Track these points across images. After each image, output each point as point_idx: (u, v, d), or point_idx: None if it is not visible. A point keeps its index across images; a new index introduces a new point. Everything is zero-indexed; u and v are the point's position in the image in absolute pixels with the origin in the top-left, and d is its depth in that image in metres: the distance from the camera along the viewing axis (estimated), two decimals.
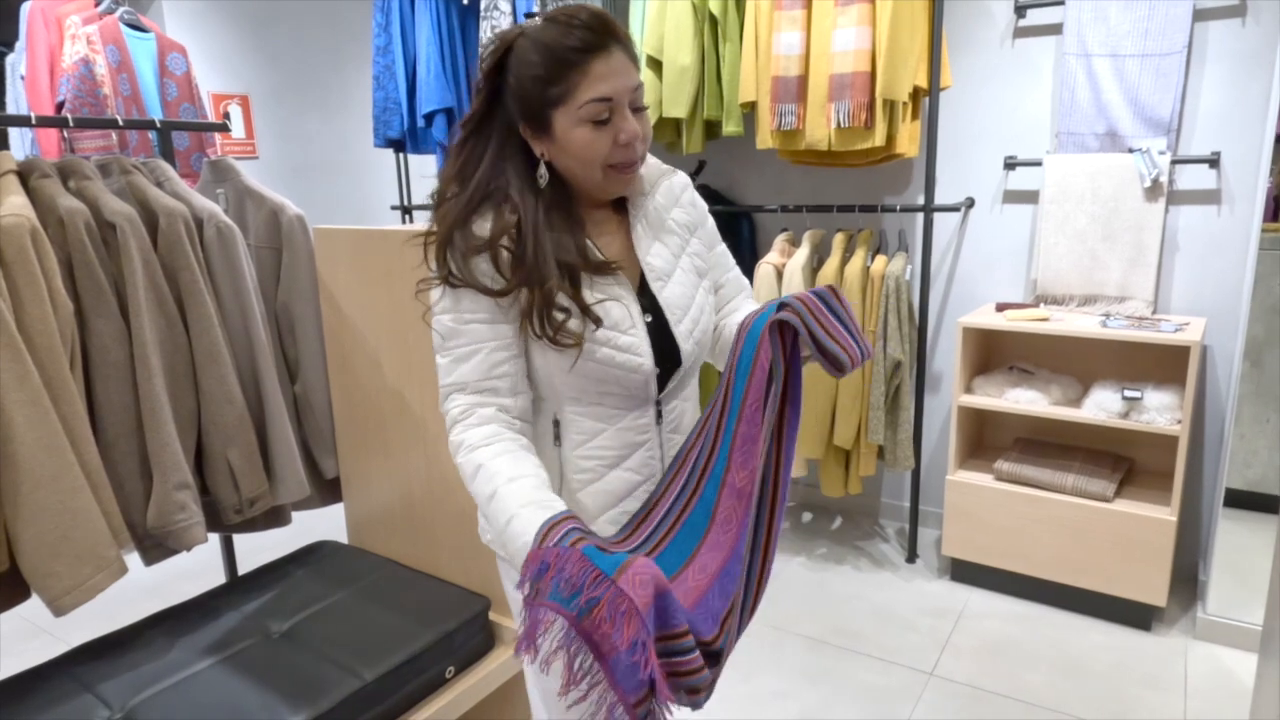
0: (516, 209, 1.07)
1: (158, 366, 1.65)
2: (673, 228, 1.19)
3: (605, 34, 1.02)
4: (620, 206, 1.17)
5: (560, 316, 1.05)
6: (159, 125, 1.89)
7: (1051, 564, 2.56)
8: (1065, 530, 2.51)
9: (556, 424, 1.15)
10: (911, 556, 2.94)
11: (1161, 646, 2.39)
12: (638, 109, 1.06)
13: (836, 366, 0.99)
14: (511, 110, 1.07)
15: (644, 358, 1.10)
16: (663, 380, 1.14)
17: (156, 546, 1.69)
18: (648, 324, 1.12)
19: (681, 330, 1.13)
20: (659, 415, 1.16)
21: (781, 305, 1.00)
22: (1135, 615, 2.47)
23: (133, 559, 1.65)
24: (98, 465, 1.58)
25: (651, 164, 1.19)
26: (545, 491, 1.02)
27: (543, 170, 1.09)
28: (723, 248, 1.30)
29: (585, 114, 1.02)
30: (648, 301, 1.13)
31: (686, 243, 1.20)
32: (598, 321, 1.06)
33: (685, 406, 1.22)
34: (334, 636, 1.65)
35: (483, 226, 1.07)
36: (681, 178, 1.25)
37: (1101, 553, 2.47)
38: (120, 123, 1.82)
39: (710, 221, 1.28)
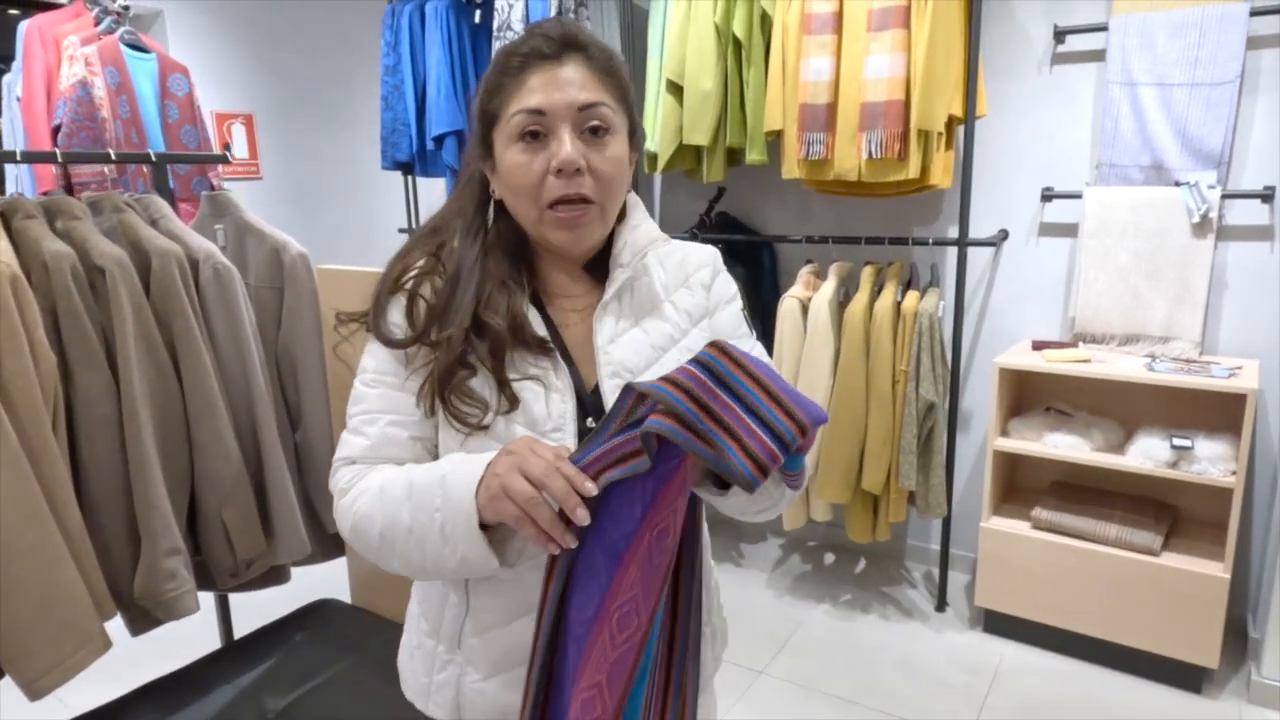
0: (450, 251, 0.92)
1: (148, 421, 1.53)
2: (668, 313, 0.94)
3: (562, 44, 0.86)
4: (605, 274, 0.94)
5: (463, 373, 0.86)
6: (155, 159, 1.78)
7: (1093, 619, 2.41)
8: (1108, 584, 2.37)
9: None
10: (941, 605, 2.80)
11: (1213, 711, 2.24)
12: (593, 130, 0.86)
13: (741, 484, 0.69)
14: None
15: None
16: None
17: (143, 616, 1.57)
18: (589, 430, 0.87)
19: None
20: None
21: (640, 396, 0.72)
22: (1184, 676, 2.33)
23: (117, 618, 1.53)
24: (81, 532, 1.46)
25: (644, 229, 0.96)
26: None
27: (491, 210, 0.94)
28: (749, 346, 0.99)
29: (512, 129, 0.85)
30: (597, 401, 0.89)
31: (684, 334, 0.94)
32: (513, 401, 0.85)
33: None
34: (335, 716, 1.52)
35: (407, 266, 0.93)
36: (701, 253, 1.01)
37: (1147, 609, 2.33)
38: (114, 157, 1.70)
39: (733, 308, 1.00)
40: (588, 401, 0.89)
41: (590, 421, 0.89)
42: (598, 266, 0.95)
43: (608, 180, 0.87)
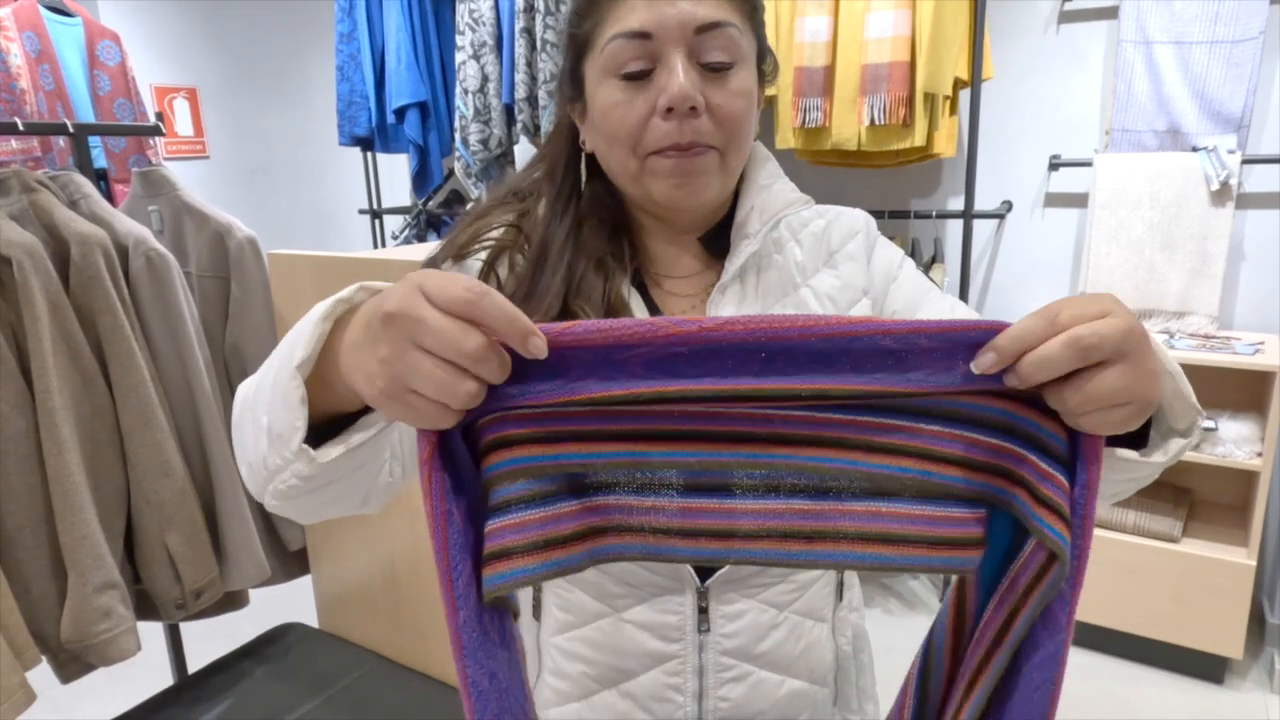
0: (535, 220, 0.73)
1: (71, 437, 1.31)
2: (807, 301, 0.74)
3: None
4: (724, 249, 0.75)
5: None
6: (73, 129, 1.54)
7: (1110, 610, 2.30)
8: (1125, 573, 2.26)
9: (538, 588, 0.76)
10: (944, 595, 2.67)
11: (1237, 702, 2.14)
12: (715, 66, 0.66)
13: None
14: None
15: None
16: None
17: (74, 660, 1.36)
18: None
19: None
20: (703, 615, 0.71)
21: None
22: (1205, 667, 2.22)
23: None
24: None
25: (777, 190, 0.75)
26: None
27: (583, 168, 0.74)
28: (932, 304, 0.78)
29: (608, 59, 0.66)
30: None
31: None
32: None
33: (774, 619, 0.73)
34: None
35: (480, 231, 0.73)
36: (848, 219, 0.80)
37: (1167, 599, 2.21)
38: (20, 126, 1.46)
39: (908, 272, 0.80)
40: None
41: None
42: (715, 239, 0.75)
43: (732, 121, 0.67)
